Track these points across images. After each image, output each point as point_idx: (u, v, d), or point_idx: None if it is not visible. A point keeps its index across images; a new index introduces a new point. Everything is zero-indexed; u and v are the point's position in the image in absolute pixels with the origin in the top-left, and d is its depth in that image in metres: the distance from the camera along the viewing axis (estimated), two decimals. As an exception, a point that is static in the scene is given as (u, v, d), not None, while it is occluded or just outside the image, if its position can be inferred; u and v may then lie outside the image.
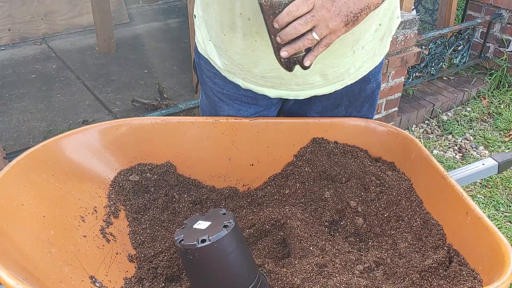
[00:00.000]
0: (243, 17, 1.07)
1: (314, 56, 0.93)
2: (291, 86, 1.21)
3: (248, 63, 1.17)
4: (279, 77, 1.18)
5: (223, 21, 1.12)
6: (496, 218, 2.46)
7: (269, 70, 1.17)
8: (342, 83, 1.24)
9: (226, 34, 1.14)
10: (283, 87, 1.22)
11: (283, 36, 0.88)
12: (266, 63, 1.15)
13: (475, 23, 3.54)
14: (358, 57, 1.19)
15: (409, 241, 1.06)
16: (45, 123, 3.01)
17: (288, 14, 0.86)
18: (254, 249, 1.10)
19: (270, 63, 1.15)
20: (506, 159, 1.38)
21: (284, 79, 1.19)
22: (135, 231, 1.11)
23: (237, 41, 1.13)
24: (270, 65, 1.15)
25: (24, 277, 0.77)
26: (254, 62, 1.16)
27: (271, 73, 1.17)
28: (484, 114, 3.39)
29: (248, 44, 1.12)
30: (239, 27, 1.10)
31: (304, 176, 1.25)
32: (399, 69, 2.74)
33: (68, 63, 3.75)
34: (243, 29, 1.09)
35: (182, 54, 3.94)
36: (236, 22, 1.09)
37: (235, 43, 1.14)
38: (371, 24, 1.14)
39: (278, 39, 0.89)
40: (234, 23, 1.09)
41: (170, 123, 1.23)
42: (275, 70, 1.16)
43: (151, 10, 4.89)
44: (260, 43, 1.11)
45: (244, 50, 1.14)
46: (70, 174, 1.07)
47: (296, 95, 1.24)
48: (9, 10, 3.90)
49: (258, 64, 1.16)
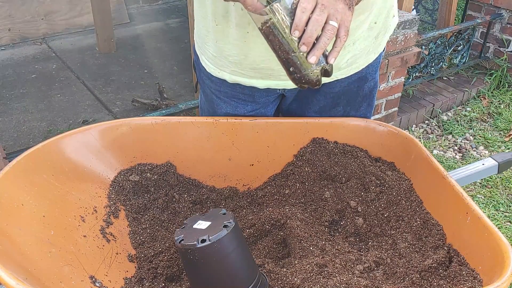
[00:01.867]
0: (237, 7, 1.07)
1: (337, 51, 0.90)
2: (280, 76, 1.21)
3: (238, 54, 1.18)
4: (269, 68, 1.19)
5: (217, 11, 1.12)
6: (496, 218, 2.46)
7: (260, 61, 1.17)
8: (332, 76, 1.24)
9: (218, 24, 1.14)
10: (273, 77, 1.22)
11: (307, 38, 0.86)
12: (257, 54, 1.16)
13: (475, 23, 3.54)
14: (349, 52, 1.21)
15: (409, 241, 1.06)
16: (45, 123, 3.01)
17: (303, 12, 0.85)
18: (254, 249, 1.10)
19: (261, 54, 1.15)
20: (506, 159, 1.38)
21: (274, 70, 1.19)
22: (135, 231, 1.11)
23: (230, 31, 1.14)
24: (261, 56, 1.16)
25: (24, 277, 0.77)
26: (245, 53, 1.17)
27: (261, 64, 1.18)
28: (484, 114, 3.39)
29: (240, 34, 1.13)
30: (232, 17, 1.10)
31: (304, 176, 1.25)
32: (399, 69, 2.74)
33: (68, 63, 3.75)
34: (236, 19, 1.10)
35: (182, 54, 3.94)
36: (230, 12, 1.10)
37: (227, 33, 1.15)
38: (362, 21, 1.16)
39: (303, 47, 0.86)
40: (228, 12, 1.10)
41: (170, 123, 1.24)
42: (265, 61, 1.17)
43: (151, 10, 4.89)
44: (252, 34, 1.11)
45: (236, 40, 1.15)
46: (70, 174, 1.07)
47: (284, 85, 1.25)
48: (9, 10, 3.90)
49: (249, 55, 1.17)
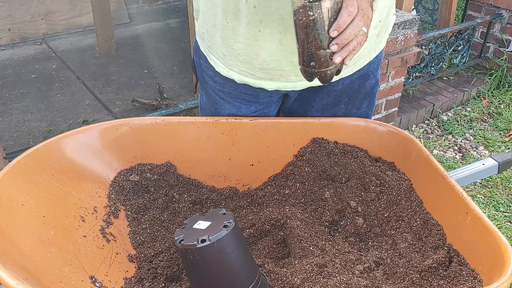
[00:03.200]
0: (249, 5, 1.05)
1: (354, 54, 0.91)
2: (290, 77, 1.20)
3: (249, 54, 1.15)
4: (279, 69, 1.17)
5: (228, 8, 1.10)
6: (496, 218, 2.46)
7: (270, 61, 1.15)
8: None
9: (229, 22, 1.12)
10: (282, 78, 1.21)
11: (343, 40, 0.87)
12: (268, 53, 1.14)
13: (475, 23, 3.54)
14: None
15: (409, 241, 1.06)
16: (45, 123, 3.01)
17: (349, 16, 0.85)
18: (254, 249, 1.10)
19: (272, 53, 1.13)
20: (506, 159, 1.38)
21: (284, 70, 1.18)
22: (135, 231, 1.11)
23: (240, 29, 1.11)
24: (272, 56, 1.14)
25: (24, 277, 0.77)
26: (255, 52, 1.14)
27: (271, 64, 1.16)
28: (484, 114, 3.39)
29: (251, 33, 1.10)
30: (244, 15, 1.08)
31: (304, 176, 1.25)
32: (399, 69, 2.74)
33: (68, 63, 3.75)
34: (247, 17, 1.08)
35: (182, 54, 3.94)
36: (241, 10, 1.07)
37: (238, 32, 1.12)
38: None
39: (334, 47, 0.87)
40: (239, 10, 1.08)
41: (170, 123, 1.23)
42: (276, 61, 1.15)
43: (151, 10, 4.89)
44: (263, 32, 1.09)
45: (247, 39, 1.12)
46: (70, 174, 1.07)
47: (293, 86, 1.24)
48: (9, 10, 3.90)
49: (260, 54, 1.15)
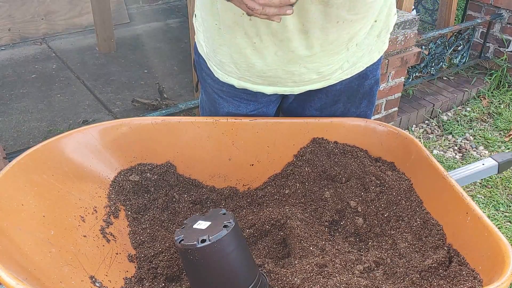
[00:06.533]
0: (245, 17, 1.08)
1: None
2: (288, 83, 1.23)
3: (246, 63, 1.19)
4: (276, 76, 1.20)
5: (225, 20, 1.13)
6: (496, 218, 2.46)
7: (267, 70, 1.19)
8: (336, 77, 1.26)
9: (226, 33, 1.16)
10: (280, 84, 1.24)
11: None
12: (264, 64, 1.17)
13: (475, 23, 3.54)
14: (352, 53, 1.22)
15: (409, 241, 1.06)
16: (45, 123, 3.00)
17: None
18: (254, 249, 1.10)
19: (268, 64, 1.17)
20: (506, 159, 1.38)
21: (282, 78, 1.21)
22: (135, 231, 1.11)
23: (237, 41, 1.15)
24: (268, 66, 1.17)
25: (24, 277, 0.77)
26: (252, 62, 1.18)
27: (268, 73, 1.19)
28: (484, 114, 3.39)
29: (247, 44, 1.14)
30: (240, 27, 1.11)
31: (304, 176, 1.25)
32: (399, 69, 2.74)
33: (68, 63, 3.75)
34: (244, 29, 1.11)
35: (182, 54, 3.94)
36: (238, 22, 1.11)
37: (235, 42, 1.16)
38: (365, 23, 1.16)
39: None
40: (236, 22, 1.11)
41: (170, 123, 1.23)
42: (272, 70, 1.18)
43: (151, 10, 4.89)
44: (259, 45, 1.13)
45: (244, 49, 1.16)
46: (70, 174, 1.07)
47: (291, 90, 1.26)
48: (9, 10, 3.90)
49: (256, 64, 1.18)
